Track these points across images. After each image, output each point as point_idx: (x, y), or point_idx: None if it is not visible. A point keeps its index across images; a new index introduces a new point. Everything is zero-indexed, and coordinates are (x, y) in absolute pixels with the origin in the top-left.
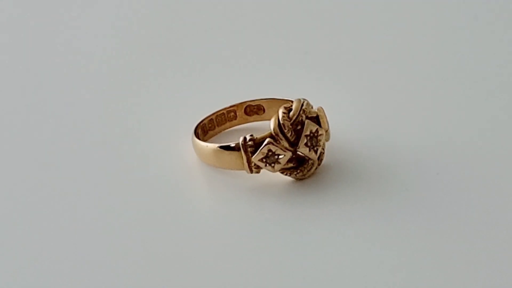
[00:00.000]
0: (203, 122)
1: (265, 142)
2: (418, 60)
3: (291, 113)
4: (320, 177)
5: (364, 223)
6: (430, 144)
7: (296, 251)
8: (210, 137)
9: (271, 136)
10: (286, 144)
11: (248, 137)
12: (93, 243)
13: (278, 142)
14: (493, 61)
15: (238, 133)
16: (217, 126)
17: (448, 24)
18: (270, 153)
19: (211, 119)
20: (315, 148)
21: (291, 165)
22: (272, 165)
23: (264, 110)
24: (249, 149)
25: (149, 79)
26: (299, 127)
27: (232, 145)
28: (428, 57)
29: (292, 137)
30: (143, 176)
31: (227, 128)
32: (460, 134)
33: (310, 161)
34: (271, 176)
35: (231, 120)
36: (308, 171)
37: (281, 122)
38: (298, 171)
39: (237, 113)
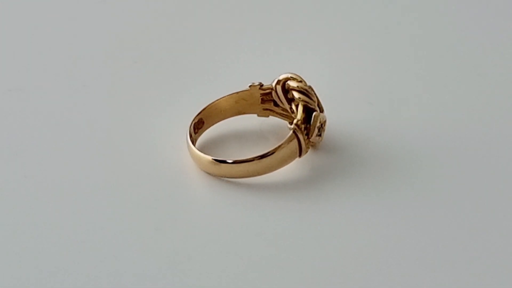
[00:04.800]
0: None
1: (314, 115)
2: (412, 40)
3: (300, 80)
4: (317, 166)
5: (364, 212)
6: (428, 126)
7: (302, 243)
8: None
9: (306, 107)
10: (317, 108)
11: (297, 122)
12: (91, 243)
13: (316, 110)
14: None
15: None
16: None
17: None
18: (320, 123)
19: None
20: None
21: None
22: (321, 134)
23: (203, 123)
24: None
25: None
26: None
27: (283, 140)
28: (424, 38)
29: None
30: (141, 177)
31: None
32: (459, 114)
33: None
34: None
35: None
36: None
37: (303, 90)
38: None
39: (193, 137)
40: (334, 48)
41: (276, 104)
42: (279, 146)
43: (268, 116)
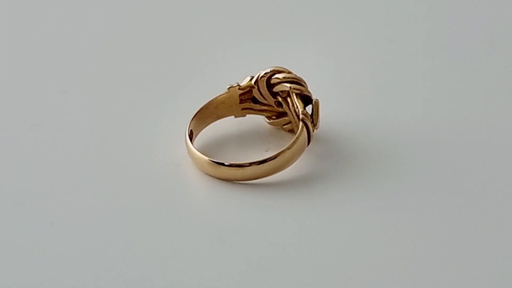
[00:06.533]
0: None
1: (315, 101)
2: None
3: (288, 71)
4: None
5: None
6: (428, 122)
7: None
8: None
9: (301, 96)
10: (312, 95)
11: (303, 111)
12: (90, 245)
13: (312, 97)
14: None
15: None
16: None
17: None
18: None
19: None
20: None
21: None
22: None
23: (192, 134)
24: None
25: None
26: None
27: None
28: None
29: None
30: (140, 178)
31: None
32: (458, 112)
33: None
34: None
35: None
36: None
37: (294, 79)
38: None
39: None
40: (324, 46)
41: (255, 101)
42: (293, 142)
43: (245, 116)
